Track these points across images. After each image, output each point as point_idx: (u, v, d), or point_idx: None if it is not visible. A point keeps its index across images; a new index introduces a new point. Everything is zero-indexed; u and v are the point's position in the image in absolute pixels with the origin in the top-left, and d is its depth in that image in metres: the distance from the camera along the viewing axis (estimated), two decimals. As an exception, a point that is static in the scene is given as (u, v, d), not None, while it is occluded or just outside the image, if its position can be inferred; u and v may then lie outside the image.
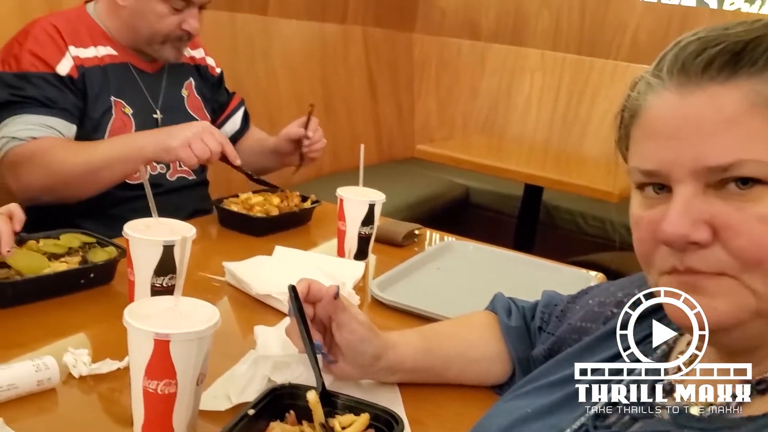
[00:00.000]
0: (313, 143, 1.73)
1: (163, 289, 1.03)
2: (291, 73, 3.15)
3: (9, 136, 1.46)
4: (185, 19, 1.61)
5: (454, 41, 4.06)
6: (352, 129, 3.54)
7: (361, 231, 1.41)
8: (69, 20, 1.60)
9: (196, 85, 1.79)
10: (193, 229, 1.06)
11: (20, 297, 1.06)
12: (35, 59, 1.51)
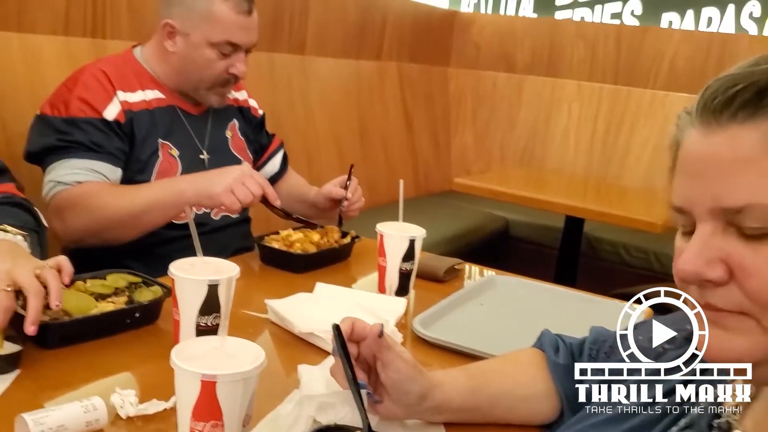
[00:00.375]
0: (352, 203, 1.73)
1: (207, 329, 1.04)
2: (328, 111, 3.19)
3: (55, 180, 1.50)
4: (233, 64, 1.65)
5: (489, 74, 4.08)
6: (389, 163, 3.56)
7: (402, 267, 1.40)
8: (117, 65, 1.64)
9: (239, 126, 1.83)
10: (236, 268, 1.07)
11: (69, 338, 1.07)
12: (83, 104, 1.55)
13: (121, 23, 2.22)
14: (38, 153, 1.55)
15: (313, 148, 3.05)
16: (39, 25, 2.00)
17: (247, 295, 1.33)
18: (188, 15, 1.61)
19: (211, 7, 1.60)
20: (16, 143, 1.84)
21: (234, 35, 1.62)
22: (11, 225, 1.12)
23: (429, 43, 3.98)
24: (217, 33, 1.61)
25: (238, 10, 1.61)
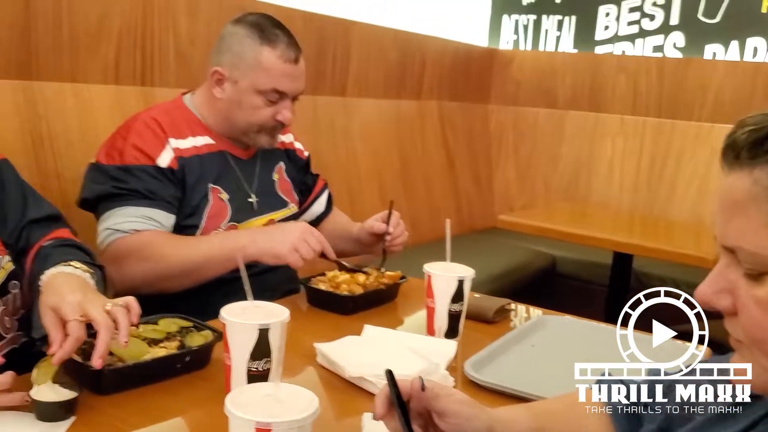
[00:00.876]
0: (394, 238, 1.74)
1: (258, 373, 1.03)
2: (370, 150, 3.22)
3: (112, 228, 1.52)
4: (279, 111, 1.67)
5: (530, 110, 4.07)
6: (431, 201, 3.56)
7: (451, 308, 1.38)
8: (168, 113, 1.68)
9: (286, 168, 1.85)
10: (286, 312, 1.07)
11: (122, 383, 1.08)
12: (138, 152, 1.58)
13: (168, 71, 2.28)
14: (93, 200, 1.58)
15: (355, 186, 3.07)
16: (91, 75, 2.06)
17: (295, 338, 1.32)
18: (237, 63, 1.65)
19: (259, 56, 1.63)
20: (69, 190, 1.89)
21: (280, 83, 1.65)
22: (78, 261, 1.14)
23: (468, 80, 4.00)
24: (264, 81, 1.64)
25: (285, 59, 1.64)
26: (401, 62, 3.44)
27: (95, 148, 1.75)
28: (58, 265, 1.13)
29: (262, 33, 1.64)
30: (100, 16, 2.06)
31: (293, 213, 1.83)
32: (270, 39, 1.64)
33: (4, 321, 1.23)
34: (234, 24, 1.68)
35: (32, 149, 1.86)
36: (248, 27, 1.65)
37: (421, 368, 1.15)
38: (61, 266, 1.13)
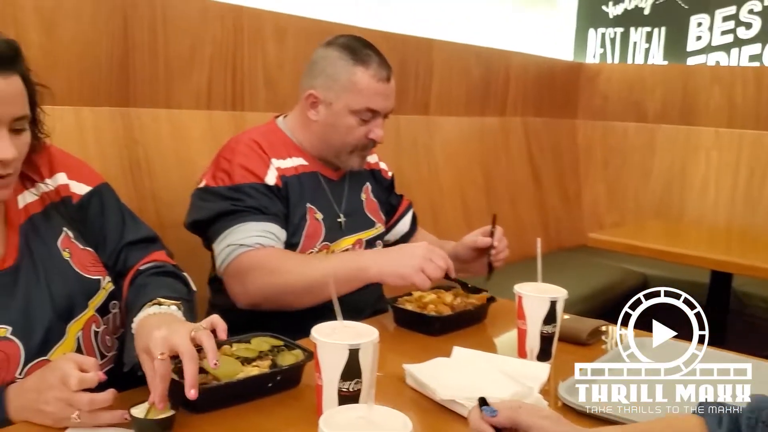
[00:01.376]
0: (498, 252, 1.71)
1: (349, 394, 1.03)
2: (453, 168, 3.20)
3: (236, 243, 1.55)
4: (371, 129, 1.69)
5: (619, 124, 3.97)
6: (517, 218, 3.50)
7: (543, 330, 1.35)
8: (265, 135, 1.72)
9: (372, 189, 1.87)
10: (376, 332, 1.06)
11: (217, 402, 1.10)
12: (246, 172, 1.62)
13: (258, 96, 2.34)
14: (207, 221, 1.61)
15: (438, 205, 3.06)
16: (184, 101, 2.15)
17: (382, 358, 1.31)
18: (331, 85, 1.67)
19: (352, 77, 1.65)
20: (164, 212, 1.96)
21: (374, 102, 1.67)
22: (164, 297, 1.17)
23: (554, 96, 3.93)
24: (358, 101, 1.66)
25: (378, 78, 1.66)
26: (484, 79, 3.42)
27: (189, 171, 1.82)
28: (145, 307, 1.16)
29: (354, 54, 1.66)
30: (192, 45, 2.14)
31: (380, 233, 1.84)
32: (362, 59, 1.66)
33: (105, 340, 1.28)
34: (325, 47, 1.71)
35: (130, 173, 1.95)
36: (340, 49, 1.68)
37: (514, 391, 1.12)
38: (148, 307, 1.16)
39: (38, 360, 1.15)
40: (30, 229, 1.23)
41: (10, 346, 1.12)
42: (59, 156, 1.32)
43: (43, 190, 1.28)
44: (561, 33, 4.26)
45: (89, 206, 1.32)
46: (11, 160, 1.10)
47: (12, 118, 1.10)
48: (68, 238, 1.27)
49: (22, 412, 1.03)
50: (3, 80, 1.08)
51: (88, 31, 1.90)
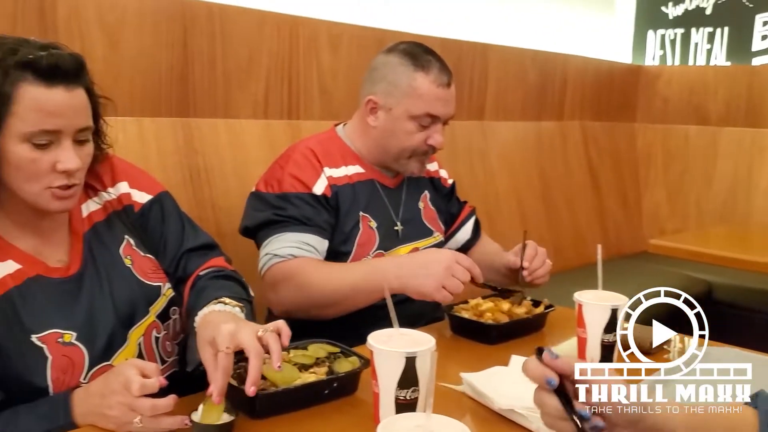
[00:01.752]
0: (533, 270, 1.65)
1: (406, 402, 1.02)
2: (509, 173, 3.17)
3: (272, 253, 1.58)
4: (431, 135, 1.68)
5: (680, 128, 3.86)
6: (575, 224, 3.44)
7: (604, 338, 1.31)
8: (322, 143, 1.74)
9: (430, 197, 1.86)
10: (432, 340, 1.06)
11: (275, 408, 1.11)
12: (295, 181, 1.64)
13: (313, 105, 2.37)
14: (255, 227, 1.65)
15: (494, 211, 3.03)
16: (242, 110, 2.18)
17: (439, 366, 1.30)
18: (391, 91, 1.68)
19: (413, 82, 1.65)
20: (223, 220, 2.00)
21: (434, 108, 1.66)
22: (228, 297, 1.19)
23: (612, 99, 3.86)
24: (418, 106, 1.65)
25: (438, 83, 1.66)
26: (541, 83, 3.37)
27: (247, 179, 1.84)
28: (210, 304, 1.18)
29: (415, 60, 1.67)
30: (250, 55, 2.18)
31: (438, 242, 1.82)
32: (423, 65, 1.66)
33: (166, 345, 1.30)
34: (386, 53, 1.72)
35: (190, 181, 1.99)
36: (401, 55, 1.69)
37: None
38: (212, 305, 1.18)
39: (102, 365, 1.18)
40: (93, 237, 1.27)
41: (75, 351, 1.15)
42: (121, 165, 1.35)
43: (106, 198, 1.31)
44: (619, 35, 4.17)
45: (150, 214, 1.35)
46: (76, 171, 1.14)
47: (76, 130, 1.14)
48: (130, 245, 1.30)
49: (87, 417, 1.06)
50: (68, 93, 1.11)
51: (150, 43, 1.95)
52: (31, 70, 1.08)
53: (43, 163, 1.11)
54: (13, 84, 1.08)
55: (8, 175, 1.12)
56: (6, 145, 1.09)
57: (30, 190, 1.13)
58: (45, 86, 1.09)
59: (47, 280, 1.18)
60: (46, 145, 1.11)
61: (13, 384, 1.11)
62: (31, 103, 1.08)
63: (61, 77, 1.10)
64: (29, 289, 1.15)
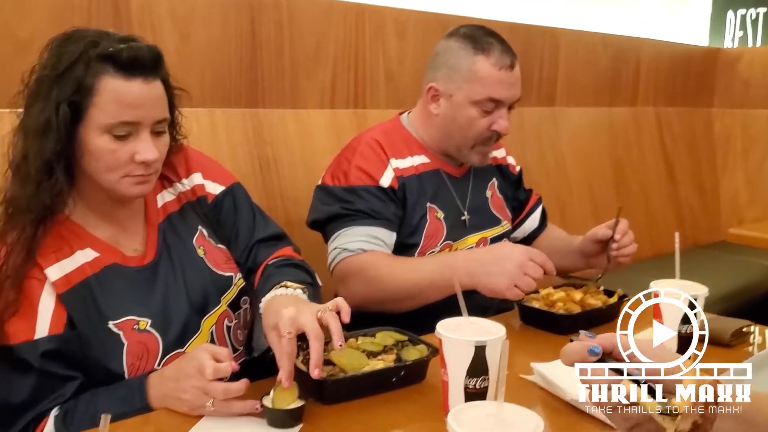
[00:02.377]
0: (621, 247, 1.62)
1: (476, 391, 1.01)
2: (580, 161, 3.09)
3: (341, 247, 1.58)
4: (495, 120, 1.64)
5: (762, 112, 3.68)
6: (649, 213, 3.34)
7: (682, 329, 1.26)
8: (388, 133, 1.72)
9: (498, 185, 1.82)
10: (503, 329, 1.04)
11: (343, 394, 1.12)
12: (361, 173, 1.64)
13: (379, 93, 2.36)
14: (323, 221, 1.65)
15: (565, 199, 2.96)
16: (309, 100, 2.20)
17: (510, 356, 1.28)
18: (452, 76, 1.65)
19: (473, 66, 1.62)
20: (291, 210, 2.02)
21: (495, 91, 1.62)
22: (290, 281, 1.20)
23: (688, 84, 3.71)
24: (479, 91, 1.62)
25: (500, 66, 1.61)
26: (613, 67, 3.28)
27: (314, 169, 1.85)
28: (273, 288, 1.20)
29: (475, 43, 1.63)
30: (317, 43, 2.18)
31: (506, 231, 1.79)
32: (483, 48, 1.62)
33: (237, 334, 1.32)
34: (447, 38, 1.69)
35: (260, 172, 2.02)
36: (461, 39, 1.65)
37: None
38: (275, 289, 1.19)
39: (175, 352, 1.21)
40: (168, 227, 1.30)
41: (150, 338, 1.18)
42: (195, 156, 1.38)
43: (180, 189, 1.34)
44: (695, 17, 4.01)
45: (223, 205, 1.37)
46: (153, 161, 1.16)
47: (154, 121, 1.16)
48: (203, 236, 1.33)
49: (161, 400, 1.09)
50: (146, 85, 1.13)
51: (219, 35, 1.98)
52: (111, 63, 1.11)
53: (122, 154, 1.14)
54: (95, 76, 1.11)
55: (88, 165, 1.15)
56: (87, 135, 1.13)
57: (109, 178, 1.16)
58: (125, 78, 1.12)
59: (123, 269, 1.21)
60: (125, 137, 1.13)
61: (92, 368, 1.15)
62: (111, 95, 1.11)
63: (140, 69, 1.13)
64: (106, 276, 1.19)
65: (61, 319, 1.13)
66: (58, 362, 1.12)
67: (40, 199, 1.12)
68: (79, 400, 1.12)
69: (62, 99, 1.10)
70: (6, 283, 1.10)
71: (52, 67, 1.12)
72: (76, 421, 1.09)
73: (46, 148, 1.11)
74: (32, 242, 1.12)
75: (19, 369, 1.10)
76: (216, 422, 1.04)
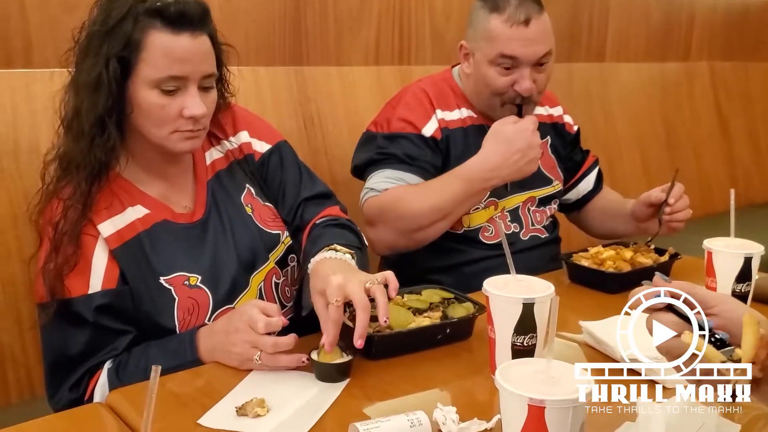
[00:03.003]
0: (675, 211, 1.58)
1: (523, 348, 1.00)
2: (630, 117, 3.02)
3: (368, 188, 1.60)
4: (516, 80, 1.59)
5: (823, 66, 3.53)
6: (701, 171, 3.25)
7: (736, 288, 1.24)
8: (437, 85, 1.71)
9: (551, 143, 1.78)
10: (551, 287, 1.02)
11: (390, 350, 1.12)
12: (404, 122, 1.63)
13: (425, 49, 2.33)
14: (361, 166, 1.67)
15: (615, 158, 2.90)
16: (354, 57, 2.18)
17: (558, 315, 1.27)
18: (473, 35, 1.62)
19: (488, 25, 1.58)
20: (336, 167, 2.02)
21: (508, 47, 1.56)
22: (340, 244, 1.20)
23: (745, 37, 3.57)
24: (492, 48, 1.57)
25: (512, 22, 1.55)
26: (666, 21, 3.17)
27: (358, 126, 1.84)
28: (323, 251, 1.19)
29: (492, 1, 1.59)
30: (361, 0, 2.15)
31: (557, 191, 1.75)
32: (497, 5, 1.57)
33: (285, 291, 1.34)
34: None
35: (304, 130, 2.02)
36: None
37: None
38: (324, 251, 1.19)
39: (225, 308, 1.22)
40: (216, 184, 1.31)
41: (201, 294, 1.20)
42: (242, 114, 1.38)
43: (228, 147, 1.35)
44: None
45: (269, 163, 1.37)
46: (201, 116, 1.17)
47: (201, 76, 1.16)
48: (251, 193, 1.33)
49: (211, 353, 1.11)
50: (193, 40, 1.13)
51: (263, -8, 1.97)
52: (159, 17, 1.12)
53: (171, 109, 1.15)
54: (143, 31, 1.11)
55: (138, 120, 1.17)
56: (136, 90, 1.14)
57: (158, 133, 1.17)
58: (172, 33, 1.12)
59: (173, 225, 1.23)
60: (174, 92, 1.14)
61: (144, 323, 1.17)
62: (159, 50, 1.12)
63: (188, 24, 1.13)
64: (157, 233, 1.21)
65: (113, 275, 1.15)
66: (112, 316, 1.15)
67: (94, 155, 1.14)
68: (131, 353, 1.15)
69: (112, 54, 1.11)
70: (64, 239, 1.12)
71: (101, 23, 1.13)
72: (128, 373, 1.12)
73: (98, 104, 1.12)
74: (87, 198, 1.14)
75: (75, 322, 1.13)
76: (264, 376, 1.06)
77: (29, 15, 1.58)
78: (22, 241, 1.45)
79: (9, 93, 1.50)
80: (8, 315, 1.45)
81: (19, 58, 1.57)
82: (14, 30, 1.56)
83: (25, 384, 1.48)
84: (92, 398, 1.13)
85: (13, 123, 1.48)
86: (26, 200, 1.42)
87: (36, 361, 1.46)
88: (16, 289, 1.45)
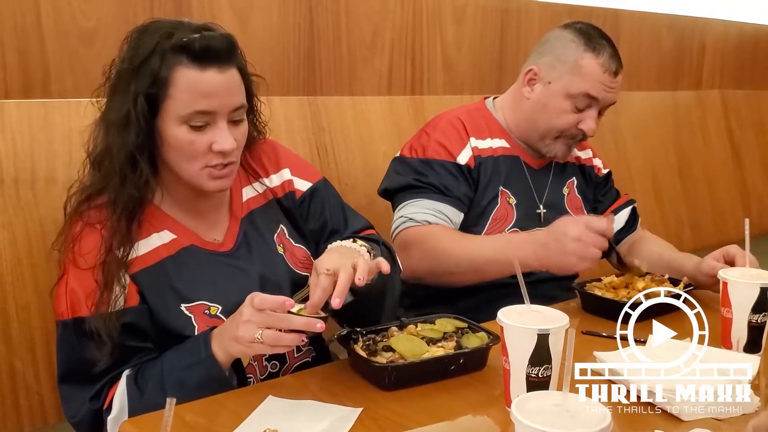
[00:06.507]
0: None
1: (538, 380, 1.00)
2: (642, 145, 3.02)
3: (407, 216, 1.60)
4: (583, 119, 1.63)
5: (836, 94, 3.53)
6: (714, 200, 3.24)
7: (752, 319, 1.22)
8: (471, 113, 1.74)
9: (577, 184, 1.80)
10: (566, 318, 1.02)
11: (403, 380, 1.12)
12: (440, 148, 1.65)
13: (436, 79, 2.34)
14: (394, 190, 1.68)
15: (626, 186, 2.87)
16: (367, 87, 2.20)
17: (572, 345, 1.27)
18: (556, 65, 1.65)
19: (580, 60, 1.62)
20: (349, 196, 2.01)
21: (594, 89, 1.61)
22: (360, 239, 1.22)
23: (757, 66, 3.58)
24: (578, 84, 1.61)
25: (605, 69, 1.61)
26: (677, 49, 3.18)
27: (371, 155, 1.86)
28: (342, 241, 1.22)
29: (588, 40, 1.63)
30: (374, 30, 2.18)
31: None
32: (595, 47, 1.62)
33: None
34: (562, 28, 1.70)
35: (318, 159, 2.03)
36: (576, 33, 1.65)
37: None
38: (340, 241, 1.22)
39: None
40: (249, 222, 1.32)
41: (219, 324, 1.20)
42: (284, 152, 1.40)
43: (267, 185, 1.36)
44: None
45: (311, 202, 1.38)
46: (231, 151, 1.18)
47: (230, 110, 1.17)
48: (283, 233, 1.34)
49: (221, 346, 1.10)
50: (219, 74, 1.14)
51: (278, 24, 2.00)
52: (185, 53, 1.13)
53: (200, 145, 1.16)
54: (170, 68, 1.12)
55: (169, 156, 1.18)
56: (165, 127, 1.15)
57: (189, 169, 1.18)
58: (199, 68, 1.13)
59: (200, 251, 1.24)
60: (203, 127, 1.15)
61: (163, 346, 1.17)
62: (185, 86, 1.13)
63: (213, 58, 1.14)
64: (182, 258, 1.21)
65: (134, 294, 1.16)
66: (133, 334, 1.15)
67: (127, 191, 1.15)
68: (149, 362, 1.15)
69: (140, 92, 1.12)
70: (101, 277, 1.13)
71: (129, 60, 1.14)
72: (146, 378, 1.12)
73: (128, 141, 1.13)
74: (127, 235, 1.15)
75: (96, 338, 1.12)
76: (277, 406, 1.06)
77: (47, 46, 1.61)
78: (37, 269, 1.45)
79: (27, 122, 1.52)
80: (22, 343, 1.45)
81: (37, 88, 1.59)
82: (33, 61, 1.59)
83: (38, 412, 1.48)
84: (110, 408, 1.12)
85: (30, 152, 1.50)
86: (42, 229, 1.45)
87: (49, 389, 1.46)
88: (30, 317, 1.46)
